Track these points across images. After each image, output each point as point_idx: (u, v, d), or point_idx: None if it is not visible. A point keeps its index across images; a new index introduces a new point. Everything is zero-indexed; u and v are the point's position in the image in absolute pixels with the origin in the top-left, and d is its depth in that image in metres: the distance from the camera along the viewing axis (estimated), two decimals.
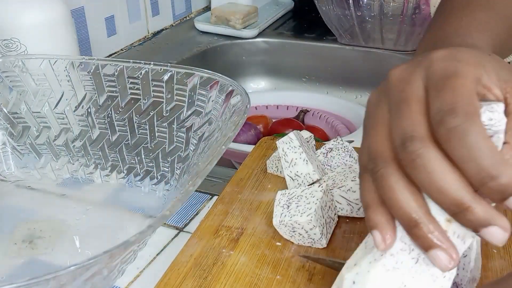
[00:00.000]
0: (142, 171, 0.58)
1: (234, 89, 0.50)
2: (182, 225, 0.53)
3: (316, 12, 1.08)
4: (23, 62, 0.59)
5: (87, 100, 0.59)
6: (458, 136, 0.29)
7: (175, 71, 0.55)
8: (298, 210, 0.44)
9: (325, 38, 1.10)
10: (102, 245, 0.34)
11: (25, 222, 0.54)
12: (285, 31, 1.15)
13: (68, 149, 0.61)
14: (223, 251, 0.45)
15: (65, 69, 0.59)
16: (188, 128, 0.54)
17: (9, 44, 0.63)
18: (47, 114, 0.60)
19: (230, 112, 0.49)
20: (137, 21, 1.05)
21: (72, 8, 0.87)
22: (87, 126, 0.60)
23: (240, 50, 1.12)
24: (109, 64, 0.57)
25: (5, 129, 0.61)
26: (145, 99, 0.57)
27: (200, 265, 0.43)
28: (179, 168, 0.55)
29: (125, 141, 0.59)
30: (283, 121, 0.96)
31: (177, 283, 0.42)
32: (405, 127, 0.31)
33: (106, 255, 0.33)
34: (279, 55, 1.12)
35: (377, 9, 1.01)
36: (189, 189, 0.38)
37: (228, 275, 0.42)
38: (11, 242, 0.51)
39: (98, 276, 0.37)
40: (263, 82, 1.16)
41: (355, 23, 1.03)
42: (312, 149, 0.55)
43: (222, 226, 0.48)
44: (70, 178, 0.61)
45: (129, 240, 0.34)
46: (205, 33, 1.13)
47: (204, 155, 0.50)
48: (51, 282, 0.31)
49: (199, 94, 0.54)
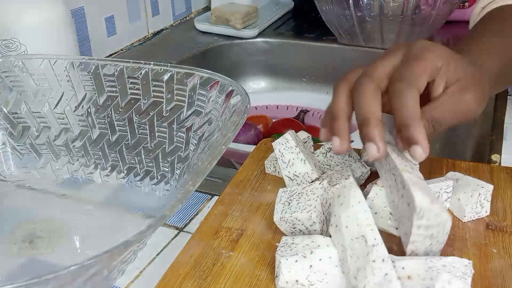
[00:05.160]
0: (142, 171, 0.58)
1: (234, 89, 0.50)
2: (182, 225, 0.53)
3: (316, 12, 1.08)
4: (23, 62, 0.59)
5: (87, 100, 0.59)
6: (397, 93, 0.44)
7: (175, 71, 0.55)
8: (298, 206, 0.45)
9: (325, 38, 1.10)
10: (102, 245, 0.34)
11: (25, 222, 0.54)
12: (285, 31, 1.15)
13: (68, 149, 0.61)
14: (223, 252, 0.45)
15: (65, 69, 0.59)
16: (188, 128, 0.54)
17: (9, 44, 0.63)
18: (47, 114, 0.60)
19: (230, 112, 0.49)
20: (137, 21, 1.05)
21: (72, 8, 0.87)
22: (87, 126, 0.60)
23: (240, 50, 1.12)
24: (109, 64, 0.57)
25: (5, 129, 0.61)
26: (145, 99, 0.57)
27: (200, 266, 0.43)
28: (179, 168, 0.55)
29: (125, 141, 0.59)
30: (283, 121, 0.96)
31: (177, 284, 0.42)
32: (379, 71, 0.46)
33: (106, 255, 0.33)
34: (279, 55, 1.12)
35: (377, 9, 1.01)
36: (189, 189, 0.38)
37: (228, 276, 0.42)
38: (11, 242, 0.51)
39: (98, 276, 0.37)
40: (263, 82, 1.16)
41: (355, 23, 1.03)
42: (309, 149, 0.55)
43: (222, 227, 0.48)
44: (70, 178, 0.61)
45: (129, 240, 0.34)
46: (205, 33, 1.13)
47: (204, 155, 0.50)
48: (51, 282, 0.31)
49: (199, 94, 0.54)
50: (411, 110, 0.43)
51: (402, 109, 0.43)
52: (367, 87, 0.45)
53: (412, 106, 0.43)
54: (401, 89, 0.43)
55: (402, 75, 0.45)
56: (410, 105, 0.43)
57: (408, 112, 0.43)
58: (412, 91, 0.43)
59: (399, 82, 0.44)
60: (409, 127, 0.42)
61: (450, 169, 0.53)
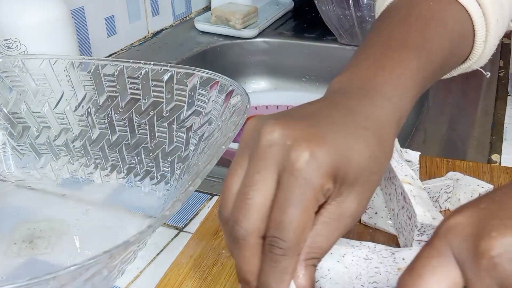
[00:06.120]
0: (142, 171, 0.58)
1: (234, 89, 0.50)
2: (182, 225, 0.53)
3: (316, 12, 1.08)
4: (23, 62, 0.59)
5: (87, 100, 0.59)
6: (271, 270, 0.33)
7: (175, 71, 0.55)
8: None
9: (325, 38, 1.10)
10: (102, 245, 0.34)
11: (25, 222, 0.54)
12: (285, 31, 1.15)
13: (68, 149, 0.61)
14: (223, 252, 0.45)
15: (65, 69, 0.59)
16: (188, 128, 0.54)
17: (9, 44, 0.63)
18: (47, 114, 0.60)
19: (230, 112, 0.49)
20: (137, 21, 1.05)
21: (72, 8, 0.87)
22: (87, 126, 0.60)
23: (240, 50, 1.12)
24: (109, 64, 0.57)
25: (5, 129, 0.61)
26: (145, 99, 0.57)
27: (200, 266, 0.43)
28: (179, 168, 0.55)
29: (125, 141, 0.59)
30: None
31: (177, 284, 0.42)
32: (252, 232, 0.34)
33: (106, 255, 0.33)
34: (279, 55, 1.12)
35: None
36: (189, 189, 0.38)
37: (228, 276, 0.42)
38: (11, 242, 0.51)
39: (98, 276, 0.37)
40: (263, 82, 1.16)
41: (355, 23, 1.03)
42: None
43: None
44: (70, 178, 0.61)
45: (129, 240, 0.34)
46: (205, 33, 1.13)
47: (204, 155, 0.50)
48: (51, 282, 0.31)
49: (199, 94, 0.54)
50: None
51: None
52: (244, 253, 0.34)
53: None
54: (278, 261, 0.33)
55: (280, 234, 0.33)
56: (288, 278, 0.33)
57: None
58: (290, 262, 0.33)
59: (276, 248, 0.33)
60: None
61: (450, 169, 0.53)
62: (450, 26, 0.45)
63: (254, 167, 0.34)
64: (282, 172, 0.33)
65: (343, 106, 0.37)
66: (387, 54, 0.41)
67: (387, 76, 0.39)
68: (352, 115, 0.36)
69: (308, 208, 0.32)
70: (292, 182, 0.32)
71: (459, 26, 0.46)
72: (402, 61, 0.40)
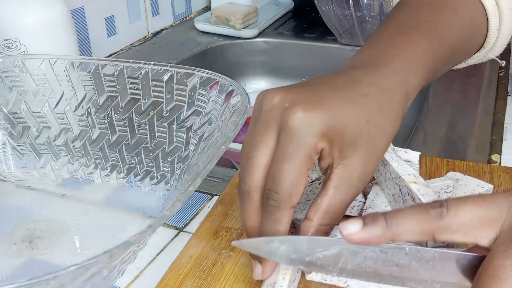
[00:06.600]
0: (142, 171, 0.58)
1: (234, 89, 0.50)
2: (182, 225, 0.53)
3: (316, 12, 1.08)
4: (23, 62, 0.59)
5: (87, 100, 0.59)
6: (269, 217, 0.37)
7: (175, 71, 0.55)
8: (298, 206, 0.44)
9: (325, 38, 1.10)
10: (102, 245, 0.34)
11: (25, 222, 0.54)
12: (285, 31, 1.15)
13: (68, 149, 0.61)
14: (223, 252, 0.45)
15: (65, 69, 0.59)
16: (188, 128, 0.54)
17: (9, 44, 0.63)
18: (47, 114, 0.60)
19: (230, 112, 0.49)
20: (137, 21, 1.05)
21: (72, 8, 0.87)
22: (87, 126, 0.60)
23: (240, 50, 1.12)
24: (109, 64, 0.57)
25: (5, 129, 0.61)
26: (145, 99, 0.57)
27: (200, 265, 0.43)
28: (179, 168, 0.55)
29: (125, 141, 0.59)
30: None
31: (177, 284, 0.42)
32: (256, 178, 0.38)
33: (106, 255, 0.33)
34: (279, 55, 1.12)
35: (377, 9, 1.01)
36: (189, 189, 0.38)
37: (228, 276, 0.42)
38: (11, 242, 0.51)
39: (98, 276, 0.37)
40: (263, 82, 1.16)
41: (355, 23, 1.03)
42: None
43: (221, 227, 0.48)
44: (70, 178, 0.61)
45: (129, 240, 0.34)
46: (205, 33, 1.13)
47: (204, 155, 0.50)
48: (51, 282, 0.31)
49: (199, 94, 0.54)
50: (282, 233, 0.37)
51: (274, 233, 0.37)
52: (248, 207, 0.38)
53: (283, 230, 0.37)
54: (271, 212, 0.36)
55: (274, 186, 0.36)
56: (281, 229, 0.36)
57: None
58: (283, 213, 0.36)
59: (270, 200, 0.36)
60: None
61: (450, 169, 0.53)
62: (462, 13, 0.47)
63: (257, 130, 0.37)
64: (280, 132, 0.36)
65: (348, 76, 0.39)
66: (398, 36, 0.44)
67: (396, 53, 0.41)
68: (354, 83, 0.38)
69: (300, 163, 0.35)
70: (286, 139, 0.36)
71: (471, 13, 0.48)
72: (412, 41, 0.43)
